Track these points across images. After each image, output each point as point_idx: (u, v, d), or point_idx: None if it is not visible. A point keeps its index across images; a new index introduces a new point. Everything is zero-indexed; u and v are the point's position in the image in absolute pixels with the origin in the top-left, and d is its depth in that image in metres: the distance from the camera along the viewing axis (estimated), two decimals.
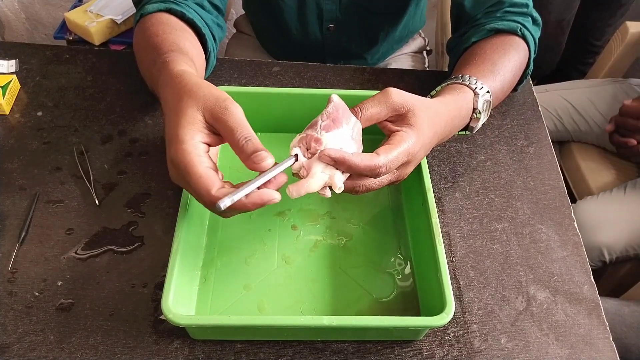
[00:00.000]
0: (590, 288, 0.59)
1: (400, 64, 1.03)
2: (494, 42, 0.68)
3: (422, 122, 0.51)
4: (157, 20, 0.63)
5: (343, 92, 0.64)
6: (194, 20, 0.65)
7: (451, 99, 0.58)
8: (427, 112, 0.53)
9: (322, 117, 0.49)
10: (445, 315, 0.46)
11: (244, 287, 0.55)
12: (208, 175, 0.43)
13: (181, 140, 0.44)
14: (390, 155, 0.48)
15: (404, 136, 0.50)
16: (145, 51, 0.60)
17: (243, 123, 0.45)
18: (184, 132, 0.44)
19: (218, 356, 0.51)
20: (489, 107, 0.62)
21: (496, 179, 0.68)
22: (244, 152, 0.44)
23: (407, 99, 0.52)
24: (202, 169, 0.43)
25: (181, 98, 0.46)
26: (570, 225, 0.64)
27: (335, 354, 0.52)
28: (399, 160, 0.49)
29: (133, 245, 0.58)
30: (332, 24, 0.89)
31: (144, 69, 0.61)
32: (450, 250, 0.60)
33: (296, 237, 0.60)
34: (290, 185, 0.47)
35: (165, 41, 0.58)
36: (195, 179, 0.43)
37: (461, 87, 0.60)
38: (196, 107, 0.45)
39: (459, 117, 0.59)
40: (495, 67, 0.65)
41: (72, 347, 0.50)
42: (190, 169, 0.43)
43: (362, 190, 0.51)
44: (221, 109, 0.45)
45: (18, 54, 0.78)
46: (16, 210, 0.60)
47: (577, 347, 0.54)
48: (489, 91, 0.61)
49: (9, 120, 0.70)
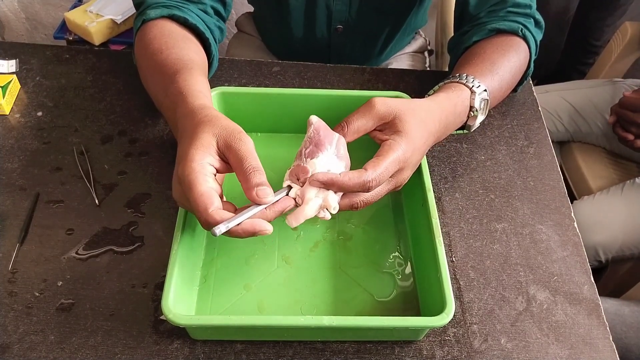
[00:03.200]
0: (590, 288, 0.59)
1: (401, 64, 1.03)
2: (494, 42, 0.68)
3: (410, 126, 0.52)
4: (159, 32, 0.63)
5: (343, 92, 0.64)
6: (197, 26, 0.65)
7: (445, 97, 0.59)
8: (415, 115, 0.53)
9: (305, 144, 0.50)
10: (446, 315, 0.46)
11: (244, 287, 0.55)
12: (209, 194, 0.44)
13: (191, 158, 0.45)
14: (379, 168, 0.49)
15: (392, 145, 0.50)
16: (150, 70, 0.61)
17: (253, 155, 0.46)
18: (196, 152, 0.45)
19: (218, 356, 0.51)
20: (487, 105, 0.62)
21: (496, 179, 0.68)
22: (249, 182, 0.45)
23: (391, 106, 0.52)
24: (205, 188, 0.44)
25: (198, 125, 0.48)
26: (570, 225, 0.64)
27: (335, 354, 0.52)
28: (389, 170, 0.50)
29: (133, 245, 0.58)
30: (340, 25, 0.89)
31: (152, 90, 0.61)
32: (450, 251, 0.60)
33: (296, 237, 0.60)
34: (288, 216, 0.49)
35: (169, 58, 0.59)
36: (196, 195, 0.44)
37: (457, 86, 0.60)
38: (212, 133, 0.47)
39: (454, 114, 0.59)
40: (494, 66, 0.65)
41: (73, 347, 0.51)
42: (193, 185, 0.44)
43: (361, 205, 0.51)
44: (235, 138, 0.46)
45: (18, 54, 0.78)
46: (16, 210, 0.60)
47: (577, 347, 0.54)
48: (486, 90, 0.61)
49: (9, 120, 0.70)
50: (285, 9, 0.87)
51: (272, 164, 0.66)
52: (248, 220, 0.45)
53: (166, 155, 0.66)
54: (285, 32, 0.92)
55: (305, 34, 0.91)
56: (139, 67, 0.65)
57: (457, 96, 0.59)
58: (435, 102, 0.57)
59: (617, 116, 1.08)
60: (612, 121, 1.08)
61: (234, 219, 0.44)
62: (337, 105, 0.64)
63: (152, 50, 0.61)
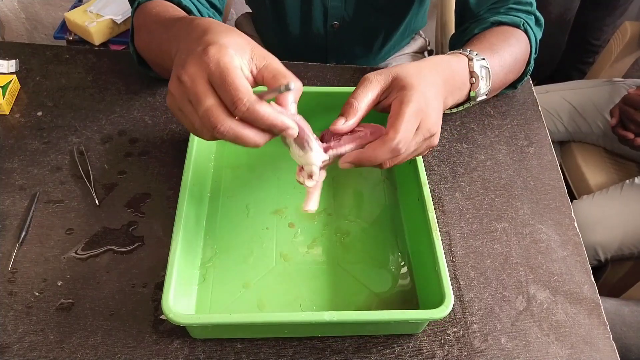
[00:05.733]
0: (591, 288, 0.59)
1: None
2: (495, 30, 0.69)
3: (412, 79, 0.50)
4: (159, 3, 0.62)
5: (343, 91, 0.64)
6: (190, 10, 0.65)
7: (439, 57, 0.57)
8: (411, 69, 0.51)
9: (303, 140, 0.47)
10: (445, 307, 0.46)
11: (243, 285, 0.55)
12: (247, 82, 0.41)
13: (225, 45, 0.41)
14: (400, 127, 0.46)
15: (402, 99, 0.48)
16: (158, 22, 0.58)
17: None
18: (231, 43, 0.42)
19: (218, 356, 0.51)
20: (489, 76, 0.61)
21: (496, 179, 0.68)
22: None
23: (385, 72, 0.51)
24: (242, 74, 0.41)
25: (229, 29, 0.44)
26: (570, 225, 0.64)
27: (336, 353, 0.52)
28: (412, 124, 0.47)
29: (133, 245, 0.58)
30: (336, 21, 0.89)
31: (159, 33, 0.57)
32: (451, 250, 0.60)
33: (294, 235, 0.60)
34: (303, 206, 0.49)
35: (180, 14, 0.57)
36: (236, 77, 0.40)
37: (453, 53, 0.60)
38: (247, 41, 0.44)
39: (451, 70, 0.57)
40: (493, 47, 0.64)
41: (72, 347, 0.50)
42: (230, 67, 0.40)
43: (400, 161, 0.49)
44: (270, 54, 0.44)
45: (18, 54, 0.78)
46: (16, 210, 0.60)
47: (577, 347, 0.54)
48: (484, 59, 0.60)
49: (9, 120, 0.70)
50: (281, 5, 0.87)
51: (272, 164, 0.66)
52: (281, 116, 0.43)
53: (166, 155, 0.66)
54: (282, 31, 0.92)
55: (302, 31, 0.91)
56: (142, 30, 0.63)
57: (453, 58, 0.58)
58: (429, 60, 0.56)
59: (619, 114, 1.07)
60: (614, 123, 1.08)
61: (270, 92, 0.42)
62: (337, 103, 0.64)
63: (157, 12, 0.60)
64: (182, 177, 0.55)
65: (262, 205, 0.62)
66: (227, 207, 0.61)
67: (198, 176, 0.59)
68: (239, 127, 0.42)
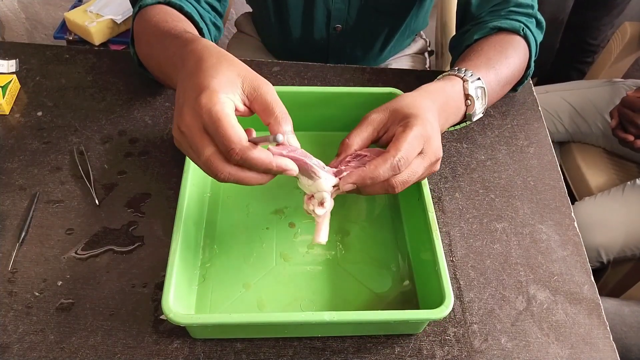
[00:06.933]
0: (591, 288, 0.59)
1: (401, 65, 1.03)
2: (494, 39, 0.68)
3: (411, 108, 0.52)
4: (160, 10, 0.63)
5: (344, 90, 0.64)
6: (192, 15, 0.65)
7: (434, 84, 0.59)
8: (410, 99, 0.54)
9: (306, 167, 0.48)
10: (445, 307, 0.47)
11: (243, 285, 0.55)
12: (239, 127, 0.42)
13: (215, 89, 0.42)
14: (401, 146, 0.48)
15: (406, 124, 0.50)
16: (156, 36, 0.59)
17: (281, 102, 0.46)
18: (219, 85, 0.43)
19: (218, 356, 0.51)
20: (484, 95, 0.62)
21: (496, 179, 0.68)
22: (280, 128, 0.45)
23: (382, 108, 0.54)
24: (235, 121, 0.42)
25: (220, 61, 0.45)
26: (570, 225, 0.64)
27: (336, 353, 0.52)
28: (414, 145, 0.49)
29: (133, 245, 0.58)
30: (339, 25, 0.89)
31: (157, 49, 0.58)
32: (451, 250, 0.60)
33: (294, 235, 0.60)
34: (315, 236, 0.49)
35: (177, 27, 0.58)
36: (227, 126, 0.41)
37: (449, 77, 0.61)
38: (236, 73, 0.45)
39: (446, 95, 0.58)
40: (490, 61, 0.65)
41: (72, 347, 0.50)
42: (222, 116, 0.41)
43: (399, 185, 0.50)
44: (262, 82, 0.45)
45: (18, 54, 0.78)
46: (16, 210, 0.60)
47: (578, 347, 0.54)
48: (480, 79, 0.61)
49: (9, 120, 0.70)
50: (284, 8, 0.87)
51: None
52: (283, 158, 0.45)
53: (166, 155, 0.66)
54: (283, 32, 0.92)
55: (303, 34, 0.91)
56: (142, 38, 0.64)
57: (447, 84, 0.59)
58: (423, 89, 0.58)
59: (618, 116, 1.07)
60: (614, 125, 1.08)
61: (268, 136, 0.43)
62: (337, 102, 0.64)
63: (157, 21, 0.60)
64: (182, 177, 0.55)
65: (262, 205, 0.62)
66: (227, 207, 0.61)
67: (198, 176, 0.59)
68: (238, 172, 0.44)
